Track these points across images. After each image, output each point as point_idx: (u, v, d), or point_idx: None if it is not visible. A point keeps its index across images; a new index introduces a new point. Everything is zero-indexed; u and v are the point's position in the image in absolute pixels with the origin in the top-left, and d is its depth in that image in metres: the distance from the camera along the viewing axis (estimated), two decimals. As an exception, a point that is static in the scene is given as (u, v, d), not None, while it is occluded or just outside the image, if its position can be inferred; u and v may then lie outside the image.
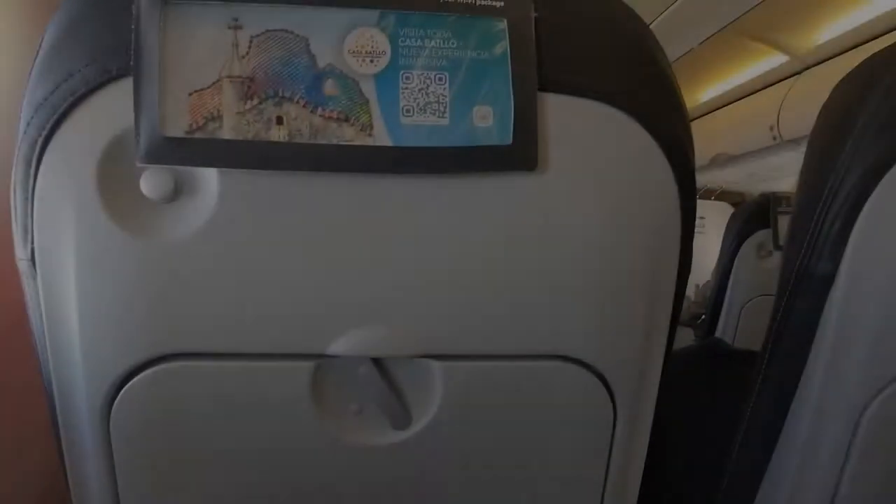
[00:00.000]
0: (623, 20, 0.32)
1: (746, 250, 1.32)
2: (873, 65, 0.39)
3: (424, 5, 0.29)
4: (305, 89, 0.28)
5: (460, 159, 0.30)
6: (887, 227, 0.38)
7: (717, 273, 1.44)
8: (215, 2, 0.27)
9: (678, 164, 0.33)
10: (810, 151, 0.42)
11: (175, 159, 0.27)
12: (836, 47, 1.86)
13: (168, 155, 0.27)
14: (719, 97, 2.66)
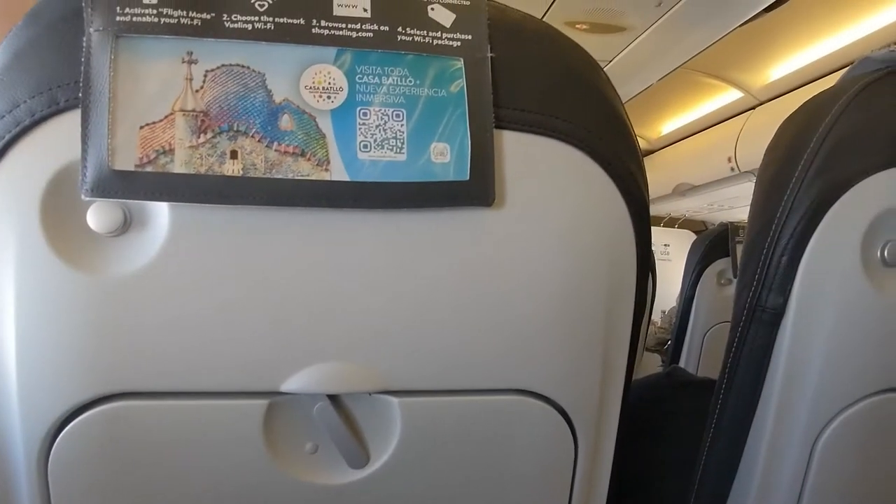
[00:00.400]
0: (577, 61, 0.33)
1: (707, 278, 1.35)
2: (813, 107, 0.41)
3: (381, 44, 0.29)
4: (261, 124, 0.28)
5: (417, 194, 0.30)
6: (832, 262, 0.39)
7: (680, 300, 1.48)
8: (169, 36, 0.27)
9: (632, 198, 0.34)
10: (758, 188, 0.44)
11: (122, 193, 0.27)
12: (786, 85, 1.96)
13: (115, 188, 0.26)
14: (680, 130, 2.76)
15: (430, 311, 0.32)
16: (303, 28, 0.28)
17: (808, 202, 0.39)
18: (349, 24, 0.29)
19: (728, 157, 2.35)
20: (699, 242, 1.41)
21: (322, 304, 0.30)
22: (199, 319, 0.30)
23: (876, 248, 0.40)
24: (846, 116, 0.39)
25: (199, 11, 0.27)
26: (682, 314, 1.45)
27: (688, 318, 1.45)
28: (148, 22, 0.26)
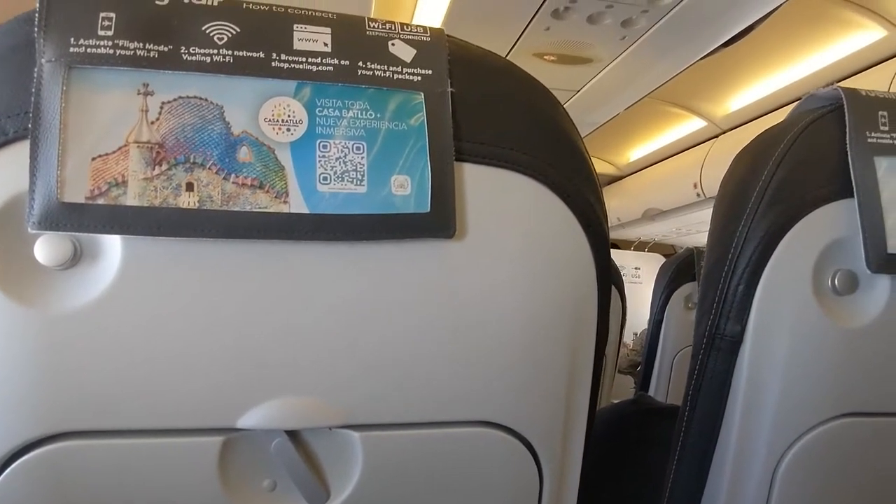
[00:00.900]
0: (536, 96, 0.34)
1: (675, 302, 1.38)
2: (763, 142, 0.43)
3: (342, 78, 0.29)
4: (218, 156, 0.28)
5: (378, 227, 0.30)
6: (785, 291, 0.40)
7: (649, 324, 1.49)
8: (124, 67, 0.26)
9: (592, 229, 0.35)
10: (714, 219, 0.45)
11: (71, 226, 0.26)
12: (746, 115, 2.05)
13: (64, 221, 0.26)
14: (648, 156, 2.84)
15: (390, 344, 0.31)
16: (262, 61, 0.28)
17: (760, 233, 0.40)
18: (309, 58, 0.29)
19: (694, 184, 2.42)
20: (666, 267, 1.44)
21: (279, 338, 0.30)
22: (151, 355, 0.29)
23: (827, 277, 0.41)
24: (794, 151, 0.40)
25: (157, 43, 0.27)
26: (652, 338, 1.47)
27: (657, 342, 1.46)
28: (103, 53, 0.26)
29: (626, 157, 3.00)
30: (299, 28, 0.29)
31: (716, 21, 1.16)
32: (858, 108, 0.40)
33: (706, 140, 2.36)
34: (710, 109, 2.15)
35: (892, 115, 0.41)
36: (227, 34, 0.28)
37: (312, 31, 0.29)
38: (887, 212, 0.40)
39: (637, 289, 2.81)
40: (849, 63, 1.57)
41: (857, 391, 0.42)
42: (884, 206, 0.40)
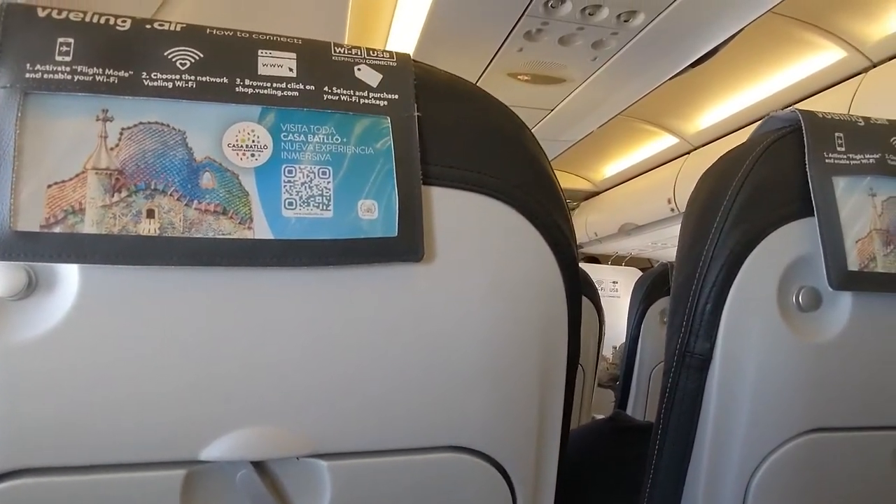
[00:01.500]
0: (503, 119, 0.35)
1: (650, 317, 1.39)
2: (726, 163, 0.44)
3: (307, 103, 0.29)
4: (180, 182, 0.27)
5: (344, 251, 0.29)
6: (752, 309, 0.41)
7: (626, 338, 1.51)
8: (83, 93, 0.26)
9: (560, 249, 0.35)
10: (681, 238, 0.46)
11: (25, 255, 0.25)
12: (717, 131, 2.10)
13: (17, 250, 0.25)
14: (623, 172, 2.89)
15: (358, 370, 0.31)
16: (226, 87, 0.28)
17: (726, 252, 0.41)
18: (274, 84, 0.29)
19: (668, 199, 2.47)
20: (641, 282, 1.45)
21: (244, 366, 0.29)
22: (110, 386, 0.28)
23: (791, 294, 0.42)
24: (755, 172, 0.41)
25: (117, 69, 0.27)
26: (629, 352, 1.48)
27: (634, 357, 1.47)
28: (60, 79, 0.26)
29: (602, 173, 3.05)
30: (264, 53, 0.29)
31: (682, 43, 1.20)
32: (816, 130, 0.42)
33: (679, 156, 2.41)
34: (681, 127, 2.20)
35: (848, 137, 0.42)
36: (190, 59, 0.28)
37: (277, 56, 0.29)
38: (846, 230, 0.41)
39: (616, 302, 2.84)
40: (811, 82, 1.63)
41: (824, 406, 0.43)
42: (843, 225, 0.41)
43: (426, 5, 1.07)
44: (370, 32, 1.33)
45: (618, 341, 2.09)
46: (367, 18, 1.28)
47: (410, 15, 1.18)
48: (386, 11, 1.24)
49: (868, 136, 0.42)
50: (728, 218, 0.41)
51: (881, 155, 0.42)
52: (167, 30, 0.28)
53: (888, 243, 0.42)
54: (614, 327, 1.96)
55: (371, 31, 1.33)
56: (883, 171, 0.42)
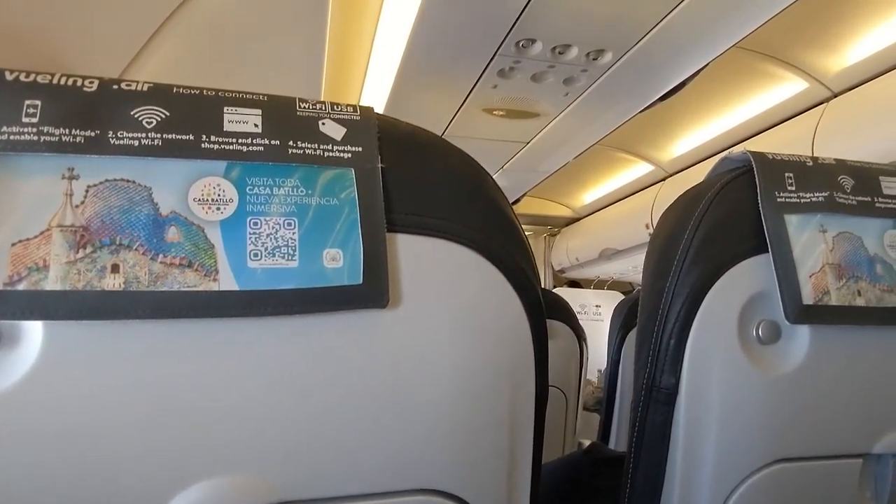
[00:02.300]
0: (464, 167, 0.36)
1: (630, 342, 1.40)
2: (685, 201, 0.46)
3: (272, 157, 0.30)
4: (146, 236, 0.28)
5: (310, 300, 0.30)
6: (713, 343, 0.42)
7: (607, 364, 1.51)
8: (50, 153, 0.27)
9: (524, 291, 0.36)
10: (645, 274, 0.47)
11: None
12: (690, 159, 2.16)
13: None
14: (601, 199, 2.94)
15: (326, 416, 0.31)
16: (192, 143, 0.29)
17: (687, 289, 0.42)
18: (240, 139, 0.30)
19: (646, 224, 2.52)
20: (620, 307, 1.47)
21: (210, 416, 0.29)
22: (73, 442, 0.28)
23: (751, 328, 0.43)
24: (711, 212, 0.43)
25: (83, 129, 0.27)
26: (610, 379, 1.48)
27: (616, 383, 1.48)
28: (26, 140, 0.26)
29: (581, 200, 3.10)
30: (230, 110, 0.30)
31: (650, 79, 1.24)
32: (767, 171, 0.44)
33: (655, 183, 2.47)
34: (655, 155, 2.26)
35: (798, 177, 0.44)
36: (156, 118, 0.28)
37: (243, 112, 0.30)
38: (800, 265, 0.43)
39: (599, 326, 2.86)
40: (776, 112, 1.69)
41: (788, 437, 0.44)
42: (796, 261, 0.43)
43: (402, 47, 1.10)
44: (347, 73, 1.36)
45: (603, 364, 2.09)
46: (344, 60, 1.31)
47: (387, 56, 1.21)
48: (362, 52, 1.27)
49: (816, 176, 0.45)
50: (687, 256, 0.42)
51: (829, 193, 0.44)
52: (134, 90, 0.29)
53: (840, 277, 0.44)
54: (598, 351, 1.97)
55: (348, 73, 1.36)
56: (832, 209, 0.44)
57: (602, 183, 2.78)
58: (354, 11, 1.12)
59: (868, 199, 0.45)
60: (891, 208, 0.46)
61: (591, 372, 2.14)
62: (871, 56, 1.38)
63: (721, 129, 1.87)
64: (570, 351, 1.31)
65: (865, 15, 1.29)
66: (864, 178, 0.46)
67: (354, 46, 1.25)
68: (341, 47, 1.25)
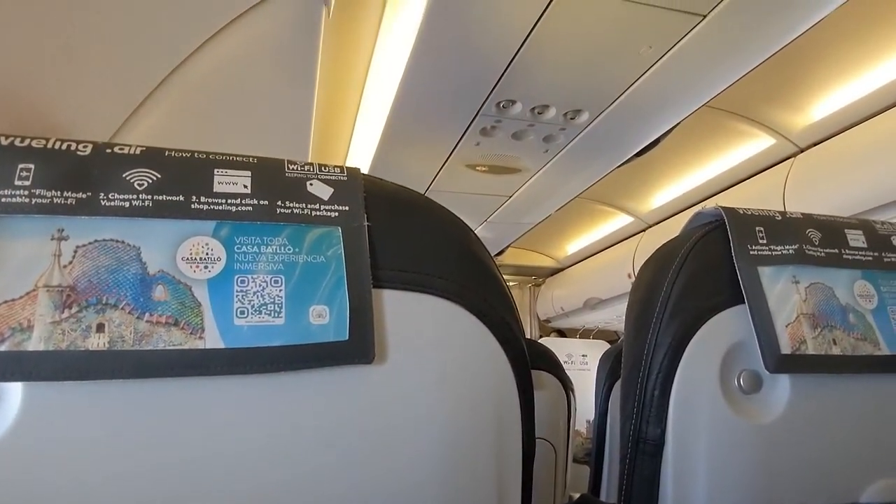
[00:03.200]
0: (448, 224, 0.37)
1: (617, 393, 1.39)
2: (662, 255, 0.47)
3: (261, 217, 0.31)
4: (132, 296, 0.28)
5: (296, 356, 0.30)
6: (697, 393, 0.43)
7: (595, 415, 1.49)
8: (40, 215, 0.27)
9: (509, 344, 0.36)
10: (627, 326, 0.48)
11: (-34, 376, 0.25)
12: (668, 210, 2.23)
13: None
14: (584, 249, 2.99)
15: (313, 472, 0.31)
16: (182, 204, 0.29)
17: (668, 340, 0.43)
18: (229, 200, 0.30)
19: (628, 274, 2.55)
20: (606, 357, 1.46)
21: (194, 475, 0.29)
22: (53, 502, 0.27)
23: (733, 378, 0.44)
24: (688, 265, 0.44)
25: (75, 191, 0.28)
26: (599, 430, 1.46)
27: (604, 434, 1.46)
28: (18, 202, 0.27)
29: (565, 251, 3.14)
30: (220, 172, 0.31)
31: (625, 136, 1.30)
32: (738, 225, 0.46)
33: (635, 233, 2.53)
34: (635, 207, 2.32)
35: (768, 230, 0.46)
36: (147, 180, 0.29)
37: (233, 174, 0.31)
38: (776, 316, 0.44)
39: (586, 375, 2.83)
40: (748, 166, 1.77)
41: (777, 488, 0.44)
42: (772, 311, 0.44)
43: (387, 108, 1.14)
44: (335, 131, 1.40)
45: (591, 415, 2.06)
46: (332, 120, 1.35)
47: (373, 116, 1.25)
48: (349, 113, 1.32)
49: (785, 230, 0.47)
50: (667, 308, 0.43)
51: (799, 246, 0.46)
52: (127, 153, 0.30)
53: (815, 326, 0.45)
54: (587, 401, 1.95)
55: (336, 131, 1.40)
56: (803, 261, 0.46)
57: (584, 234, 2.83)
58: (342, 74, 1.17)
59: (835, 251, 0.47)
60: (858, 259, 0.47)
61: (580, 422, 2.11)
62: (835, 113, 1.46)
63: (697, 182, 1.94)
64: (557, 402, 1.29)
65: (827, 75, 1.38)
66: (831, 230, 0.48)
67: (342, 107, 1.29)
68: (329, 108, 1.29)
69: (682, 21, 0.93)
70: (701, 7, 0.90)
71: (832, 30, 1.17)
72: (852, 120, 1.45)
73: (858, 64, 1.30)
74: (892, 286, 0.48)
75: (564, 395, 1.33)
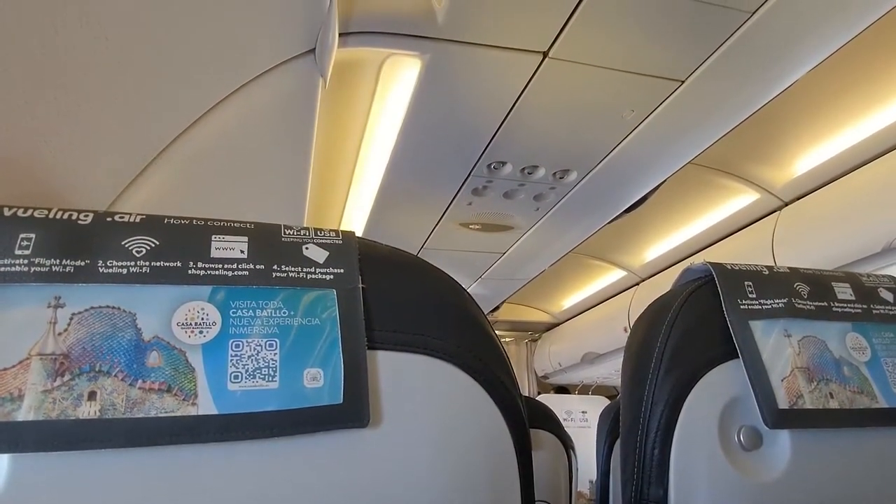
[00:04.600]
0: (441, 285, 0.37)
1: (618, 452, 1.35)
2: (654, 311, 0.48)
3: (257, 281, 0.31)
4: (126, 362, 0.28)
5: (289, 421, 0.30)
6: (696, 451, 0.42)
7: (597, 475, 1.44)
8: (38, 283, 0.27)
9: (504, 403, 0.36)
10: (623, 382, 0.47)
11: (-47, 450, 0.25)
12: (661, 263, 2.25)
13: None
14: (579, 304, 2.98)
15: None
16: (179, 270, 0.30)
17: (665, 396, 0.43)
18: (225, 265, 0.31)
19: (624, 328, 2.54)
20: (606, 414, 1.43)
21: None
22: None
23: (733, 434, 0.43)
24: (680, 321, 0.45)
25: (73, 258, 0.28)
26: (601, 491, 1.41)
27: (608, 495, 1.40)
28: (17, 271, 0.27)
29: (560, 305, 3.14)
30: (217, 238, 0.32)
31: (614, 194, 1.33)
32: (727, 280, 0.46)
33: (629, 287, 2.53)
34: (628, 261, 2.34)
35: (757, 285, 0.47)
36: (146, 247, 0.30)
37: (230, 240, 0.32)
38: (770, 370, 0.44)
39: (587, 433, 2.75)
40: (735, 220, 1.80)
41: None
42: (766, 365, 0.44)
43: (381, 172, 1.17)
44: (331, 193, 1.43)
45: (593, 474, 1.99)
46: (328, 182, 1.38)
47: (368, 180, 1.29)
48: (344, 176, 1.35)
49: (774, 284, 0.47)
50: (661, 364, 0.43)
51: (788, 299, 0.47)
52: (127, 221, 0.30)
53: (811, 380, 0.45)
54: (588, 459, 1.88)
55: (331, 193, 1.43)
56: (793, 314, 0.46)
57: (579, 289, 2.84)
58: (337, 141, 1.21)
59: (825, 303, 0.48)
60: (847, 312, 0.48)
61: (583, 482, 2.03)
62: (816, 168, 1.51)
63: (687, 235, 1.97)
64: (557, 461, 1.26)
65: (807, 130, 1.43)
66: (818, 284, 0.49)
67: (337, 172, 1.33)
68: (325, 173, 1.32)
69: (661, 86, 0.97)
70: (679, 73, 0.95)
71: (810, 87, 1.23)
72: (835, 173, 1.50)
73: (838, 119, 1.36)
74: (884, 338, 0.48)
75: (565, 454, 1.29)
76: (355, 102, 1.08)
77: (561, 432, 1.29)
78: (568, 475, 1.30)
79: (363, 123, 1.13)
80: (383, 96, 1.05)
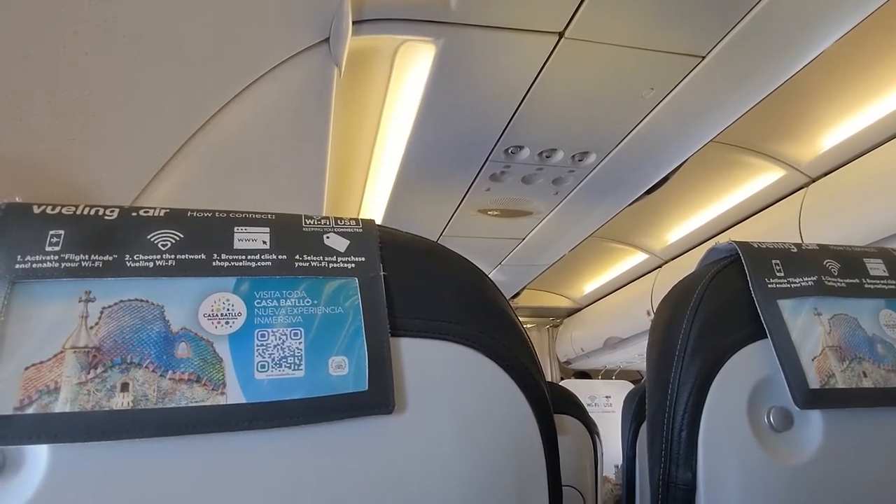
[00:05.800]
0: (463, 271, 0.37)
1: (644, 435, 1.35)
2: (679, 291, 0.47)
3: (280, 271, 0.31)
4: (156, 354, 0.28)
5: (316, 409, 0.30)
6: (726, 433, 0.41)
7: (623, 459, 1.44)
8: (69, 278, 0.28)
9: (528, 388, 0.36)
10: (648, 366, 0.47)
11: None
12: (683, 245, 2.21)
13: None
14: (601, 288, 2.96)
15: None
16: (203, 262, 0.30)
17: (691, 379, 0.42)
18: (249, 256, 0.31)
19: (647, 311, 2.52)
20: (630, 398, 1.42)
21: None
22: None
23: (762, 416, 0.43)
24: (706, 301, 0.44)
25: (101, 254, 0.29)
26: (627, 475, 1.40)
27: (633, 479, 1.40)
28: (48, 267, 0.28)
29: (582, 290, 3.11)
30: (240, 230, 0.32)
31: (634, 175, 1.31)
32: (754, 259, 0.45)
33: (652, 270, 2.50)
34: (650, 244, 2.31)
35: (785, 263, 0.46)
36: (171, 240, 0.30)
37: (252, 231, 0.32)
38: (800, 350, 0.43)
39: (611, 417, 2.74)
40: (760, 198, 1.76)
41: (816, 531, 0.42)
42: (796, 345, 0.43)
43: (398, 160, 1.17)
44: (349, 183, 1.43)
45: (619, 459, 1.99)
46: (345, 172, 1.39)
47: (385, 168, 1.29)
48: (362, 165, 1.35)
49: (802, 261, 0.46)
50: (688, 346, 0.43)
51: (818, 277, 0.46)
52: (151, 216, 0.31)
53: (843, 359, 0.44)
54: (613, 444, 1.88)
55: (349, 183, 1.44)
56: (823, 292, 0.45)
57: (601, 273, 2.81)
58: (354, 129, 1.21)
59: (856, 280, 0.46)
60: (880, 288, 0.47)
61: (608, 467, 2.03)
62: (844, 142, 1.46)
63: (710, 216, 1.93)
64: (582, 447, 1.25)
65: (833, 105, 1.39)
66: (849, 260, 0.47)
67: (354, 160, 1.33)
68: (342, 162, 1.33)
69: (681, 63, 0.95)
70: (699, 49, 0.93)
71: (834, 61, 1.19)
72: (862, 148, 1.46)
73: (865, 91, 1.32)
74: (919, 314, 0.46)
75: (590, 439, 1.28)
76: (370, 91, 1.07)
77: (585, 417, 1.29)
78: (593, 460, 1.30)
79: (379, 112, 1.13)
80: (398, 84, 1.04)
